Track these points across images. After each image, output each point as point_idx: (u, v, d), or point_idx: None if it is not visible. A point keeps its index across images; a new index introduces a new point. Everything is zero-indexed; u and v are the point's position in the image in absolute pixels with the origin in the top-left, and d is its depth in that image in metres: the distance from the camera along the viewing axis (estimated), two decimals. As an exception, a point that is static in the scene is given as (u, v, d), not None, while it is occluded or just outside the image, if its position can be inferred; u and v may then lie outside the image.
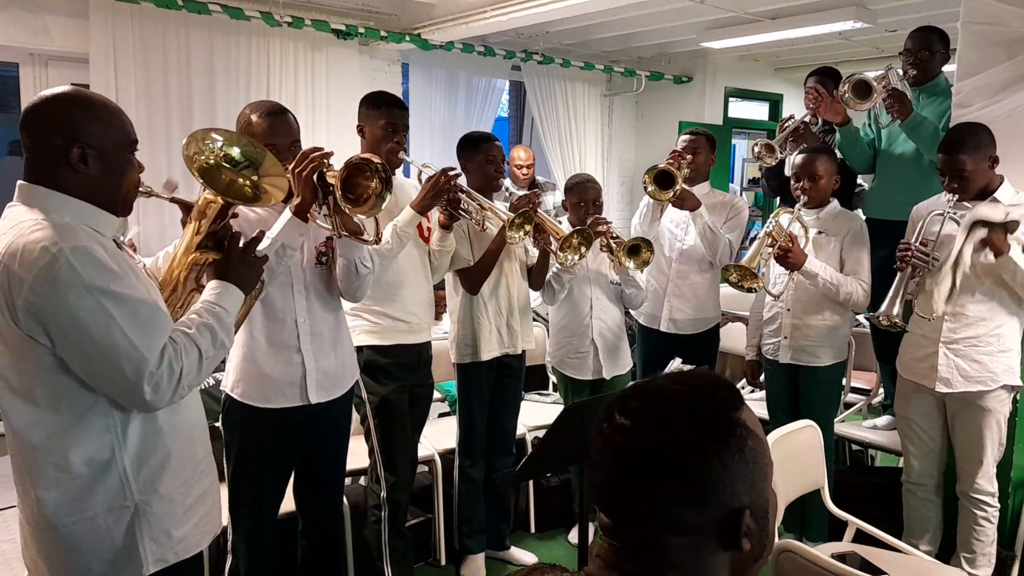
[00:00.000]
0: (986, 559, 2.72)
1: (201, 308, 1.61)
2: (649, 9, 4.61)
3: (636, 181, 6.80)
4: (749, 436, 0.85)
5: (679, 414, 0.85)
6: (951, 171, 2.60)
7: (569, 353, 3.24)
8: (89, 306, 1.39)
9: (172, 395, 1.48)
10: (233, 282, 1.67)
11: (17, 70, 4.28)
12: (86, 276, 1.38)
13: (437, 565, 3.16)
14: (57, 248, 1.37)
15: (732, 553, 0.85)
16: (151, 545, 1.54)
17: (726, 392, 0.88)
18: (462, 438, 3.03)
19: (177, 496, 1.58)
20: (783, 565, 1.92)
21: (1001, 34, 2.78)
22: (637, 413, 0.86)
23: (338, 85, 4.92)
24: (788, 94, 7.11)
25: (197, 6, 4.22)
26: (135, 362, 1.42)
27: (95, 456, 1.47)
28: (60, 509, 1.46)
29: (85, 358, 1.41)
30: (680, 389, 0.87)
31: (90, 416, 1.46)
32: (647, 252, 2.96)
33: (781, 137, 3.52)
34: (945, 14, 3.37)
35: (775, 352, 3.09)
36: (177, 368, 1.47)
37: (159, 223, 4.29)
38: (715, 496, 0.83)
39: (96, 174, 1.48)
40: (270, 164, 1.76)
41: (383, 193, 1.96)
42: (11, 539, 3.23)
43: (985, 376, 2.63)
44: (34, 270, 1.36)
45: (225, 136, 1.73)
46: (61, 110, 1.47)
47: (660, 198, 3.07)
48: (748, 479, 0.84)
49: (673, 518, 0.83)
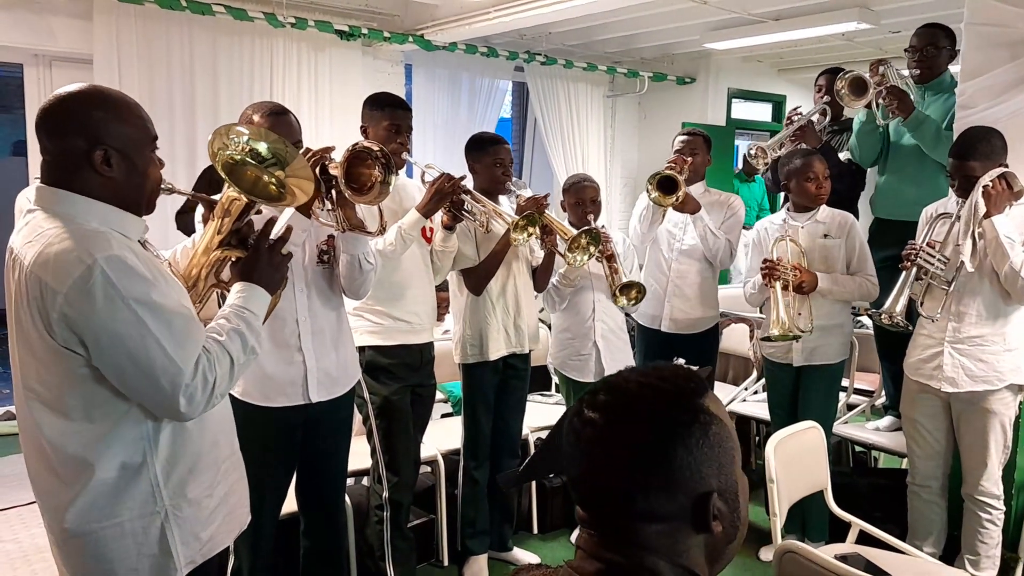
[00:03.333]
0: (990, 561, 2.71)
1: (230, 312, 1.58)
2: (652, 10, 4.61)
3: (639, 182, 6.80)
4: (713, 421, 0.87)
5: (643, 405, 0.87)
6: (961, 176, 2.60)
7: (571, 355, 3.23)
8: (125, 318, 1.37)
9: (206, 405, 1.47)
10: (258, 283, 1.65)
11: (21, 71, 4.29)
12: (121, 287, 1.36)
13: (440, 566, 3.15)
14: (91, 258, 1.35)
15: (705, 536, 0.87)
16: (183, 549, 1.53)
17: (689, 381, 0.90)
18: (467, 439, 3.03)
19: (204, 499, 1.58)
20: (786, 566, 1.91)
21: (1005, 35, 2.77)
22: (604, 406, 0.88)
23: (341, 86, 4.93)
24: (791, 95, 7.10)
25: (200, 7, 4.23)
26: (171, 375, 1.40)
27: (127, 462, 1.46)
28: (89, 515, 1.44)
29: (121, 370, 1.40)
30: (644, 381, 0.89)
31: (124, 424, 1.45)
32: (637, 293, 2.95)
33: (785, 133, 3.53)
34: (949, 15, 3.35)
35: (784, 355, 3.08)
36: (211, 378, 1.46)
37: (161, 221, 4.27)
38: (684, 482, 0.85)
39: (120, 176, 1.45)
40: (299, 164, 1.72)
41: (387, 179, 1.95)
42: (13, 539, 3.24)
43: (991, 376, 2.62)
44: (68, 281, 1.34)
45: (252, 131, 1.69)
46: (82, 110, 1.43)
47: (664, 203, 3.09)
48: (715, 463, 0.87)
49: (645, 507, 0.86)
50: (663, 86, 6.48)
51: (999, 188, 2.52)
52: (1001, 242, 2.49)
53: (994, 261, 2.54)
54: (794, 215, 3.06)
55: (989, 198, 2.51)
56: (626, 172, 6.91)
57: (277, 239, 1.71)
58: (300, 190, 1.73)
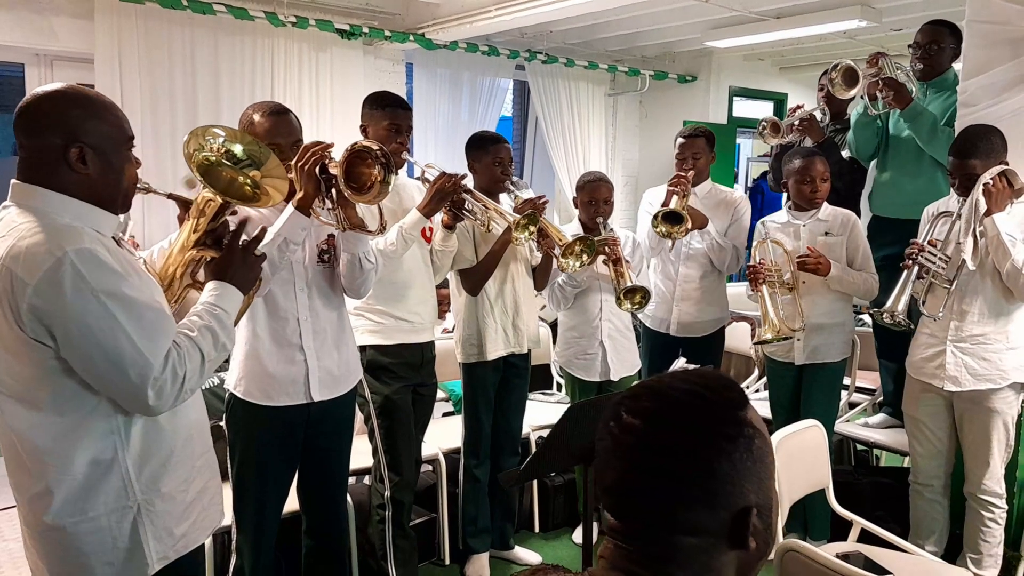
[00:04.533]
0: (992, 560, 2.71)
1: (202, 310, 1.60)
2: (653, 8, 4.61)
3: (640, 180, 6.79)
4: (756, 435, 0.85)
5: (690, 414, 0.84)
6: (962, 174, 2.59)
7: (577, 354, 3.23)
8: (95, 310, 1.38)
9: (175, 400, 1.48)
10: (231, 282, 1.66)
11: (23, 70, 4.29)
12: (91, 279, 1.38)
13: (441, 564, 3.15)
14: (61, 251, 1.36)
15: (738, 552, 0.84)
16: (155, 544, 1.54)
17: (733, 392, 0.88)
18: (468, 438, 3.03)
19: (177, 494, 1.59)
20: (787, 565, 1.91)
21: (1007, 33, 2.77)
22: (647, 413, 0.85)
23: (342, 85, 4.92)
24: (793, 93, 7.09)
25: (202, 6, 4.23)
26: (139, 367, 1.41)
27: (98, 457, 1.47)
28: (63, 510, 1.46)
29: (89, 362, 1.40)
30: (689, 388, 0.86)
31: (94, 418, 1.46)
32: (641, 299, 2.93)
33: (790, 120, 3.54)
34: (950, 13, 3.35)
35: (786, 354, 3.08)
36: (181, 373, 1.47)
37: (163, 219, 4.28)
38: (725, 496, 0.82)
39: (95, 173, 1.46)
40: (273, 165, 1.76)
41: (387, 178, 1.96)
42: (16, 538, 3.24)
43: (994, 374, 2.62)
44: (38, 273, 1.35)
45: (228, 133, 1.72)
46: (58, 109, 1.45)
47: (674, 235, 3.10)
48: (756, 478, 0.84)
49: (685, 519, 0.83)
50: (664, 84, 6.48)
51: (1000, 186, 2.51)
52: (1002, 240, 2.49)
53: (995, 259, 2.54)
54: (796, 213, 3.06)
55: (990, 196, 2.51)
56: (627, 171, 6.91)
57: (251, 239, 1.72)
58: (274, 189, 1.77)
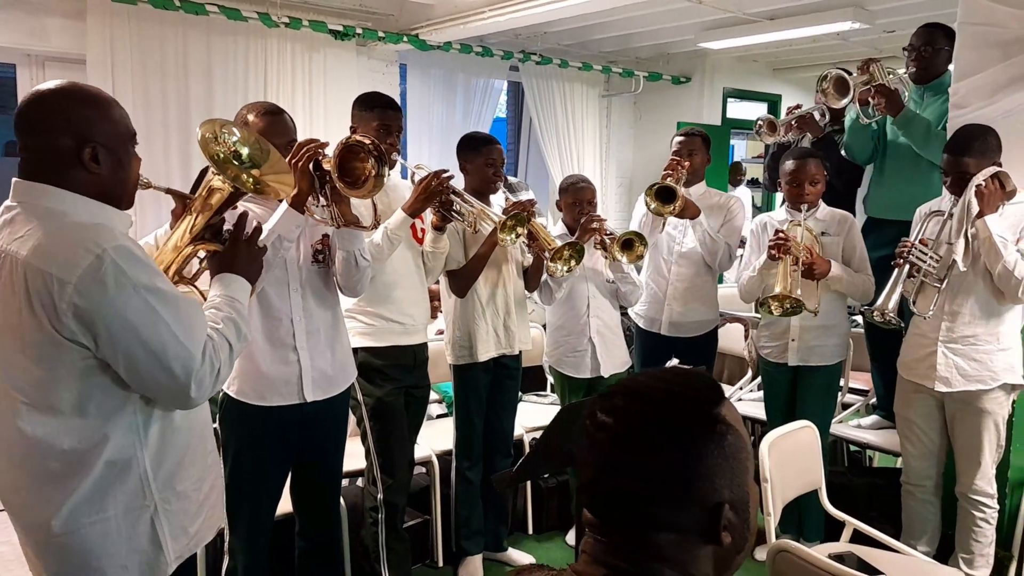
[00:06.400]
0: (984, 560, 2.72)
1: (220, 302, 1.60)
2: (647, 10, 4.61)
3: (634, 182, 6.79)
4: (729, 431, 0.86)
5: (661, 411, 0.86)
6: (955, 173, 2.60)
7: (567, 352, 3.22)
8: (137, 306, 1.38)
9: (211, 391, 1.49)
10: (240, 274, 1.67)
11: (14, 71, 4.27)
12: (132, 275, 1.37)
13: (435, 567, 3.15)
14: (100, 248, 1.35)
15: (714, 547, 0.86)
16: (172, 543, 1.54)
17: (706, 388, 0.89)
18: (460, 440, 3.02)
19: (192, 492, 1.59)
20: (780, 565, 1.92)
21: (998, 35, 2.78)
22: (620, 411, 0.87)
23: (336, 86, 4.91)
24: (787, 95, 7.10)
25: (194, 7, 4.22)
26: (183, 360, 1.42)
27: (116, 457, 1.45)
28: (77, 512, 1.43)
29: (132, 359, 1.40)
30: (661, 386, 0.88)
31: (116, 417, 1.45)
32: (641, 246, 2.94)
33: (787, 119, 3.55)
34: (943, 15, 3.36)
35: (779, 355, 3.08)
36: (216, 365, 1.48)
37: (155, 214, 4.26)
38: (697, 492, 0.84)
39: (107, 172, 1.46)
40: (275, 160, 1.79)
41: (380, 171, 1.97)
42: (7, 540, 3.22)
43: (985, 375, 2.63)
44: (77, 271, 1.34)
45: (242, 134, 1.76)
46: (67, 107, 1.43)
47: (664, 213, 3.08)
48: (729, 474, 0.86)
49: (657, 515, 0.84)
50: (658, 86, 6.48)
51: (992, 188, 2.52)
52: (994, 242, 2.50)
53: (987, 261, 2.54)
54: (793, 212, 3.05)
55: (982, 198, 2.51)
56: (621, 172, 6.91)
57: (252, 231, 1.74)
58: (280, 185, 1.81)
